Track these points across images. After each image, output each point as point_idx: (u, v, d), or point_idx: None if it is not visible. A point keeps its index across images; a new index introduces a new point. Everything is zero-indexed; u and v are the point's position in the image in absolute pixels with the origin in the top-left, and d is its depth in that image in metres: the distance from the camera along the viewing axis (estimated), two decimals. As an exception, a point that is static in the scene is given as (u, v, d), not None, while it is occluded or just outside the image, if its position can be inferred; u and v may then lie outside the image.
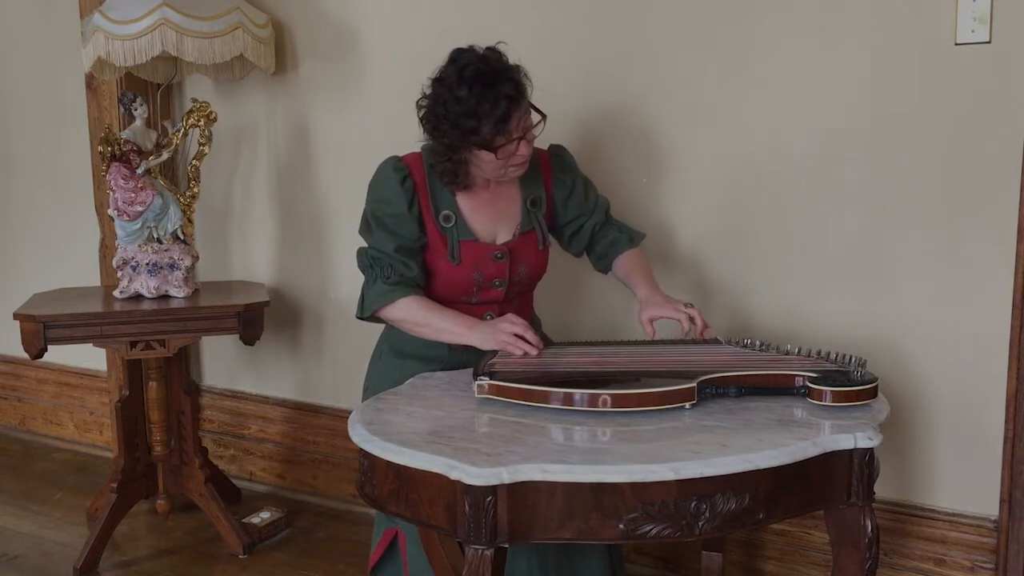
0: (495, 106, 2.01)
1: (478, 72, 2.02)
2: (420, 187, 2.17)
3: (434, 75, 2.10)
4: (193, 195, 2.95)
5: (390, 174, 2.18)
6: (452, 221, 2.17)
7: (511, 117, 2.04)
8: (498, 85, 2.02)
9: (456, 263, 2.17)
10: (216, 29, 2.80)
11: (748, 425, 1.71)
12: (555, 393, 1.78)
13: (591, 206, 2.34)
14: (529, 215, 2.25)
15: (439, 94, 2.06)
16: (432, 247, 2.18)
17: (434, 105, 2.08)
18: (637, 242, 2.36)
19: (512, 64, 2.08)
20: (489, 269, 2.20)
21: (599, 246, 2.36)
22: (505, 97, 2.02)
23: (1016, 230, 2.23)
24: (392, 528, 2.21)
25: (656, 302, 2.16)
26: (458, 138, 2.06)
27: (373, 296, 2.17)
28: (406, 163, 2.20)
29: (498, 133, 2.04)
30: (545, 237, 2.28)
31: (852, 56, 2.35)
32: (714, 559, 2.38)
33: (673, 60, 2.55)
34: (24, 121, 3.78)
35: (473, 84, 2.02)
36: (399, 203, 2.16)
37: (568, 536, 1.58)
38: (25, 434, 3.98)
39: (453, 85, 2.03)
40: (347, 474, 3.20)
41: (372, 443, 1.68)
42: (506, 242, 2.22)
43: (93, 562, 2.84)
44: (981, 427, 2.35)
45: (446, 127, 2.06)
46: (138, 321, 2.73)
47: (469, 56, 2.06)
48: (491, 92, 2.01)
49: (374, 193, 2.22)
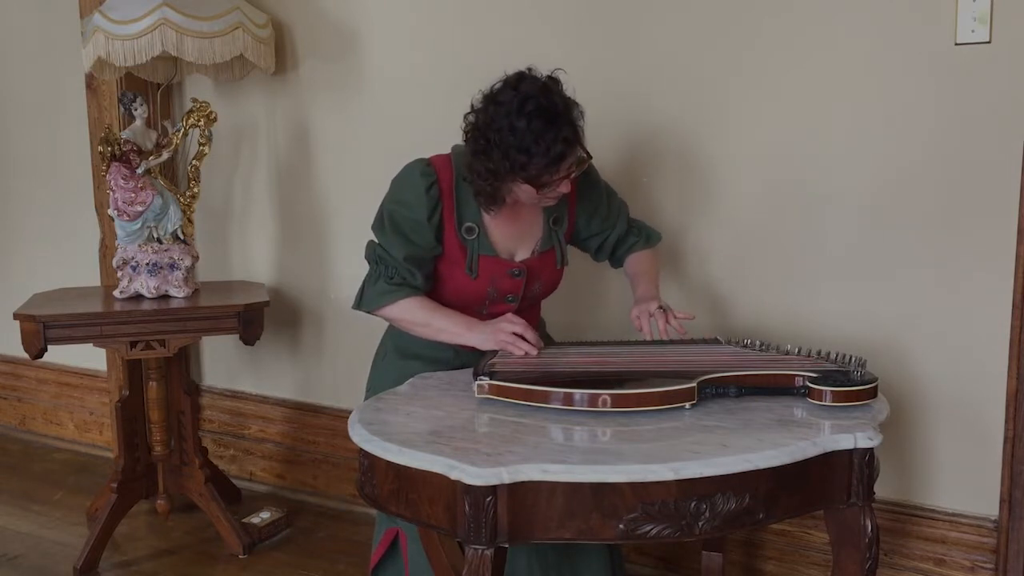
0: (551, 147, 1.95)
1: (539, 108, 1.94)
2: (446, 195, 2.13)
3: (489, 92, 2.02)
4: (193, 195, 2.95)
5: (416, 179, 2.12)
6: (475, 234, 2.14)
7: (564, 160, 1.98)
8: (558, 126, 1.95)
9: (474, 277, 2.15)
10: (216, 29, 2.80)
11: (748, 425, 1.71)
12: (555, 393, 1.78)
13: (615, 219, 2.33)
14: (551, 233, 2.23)
15: (494, 118, 1.97)
16: (449, 257, 2.16)
17: (486, 128, 1.99)
18: (653, 243, 2.37)
19: (570, 101, 2.02)
20: (504, 285, 2.18)
21: (619, 251, 2.38)
22: (563, 140, 1.95)
23: (1016, 230, 2.23)
24: (393, 528, 2.21)
25: (640, 302, 2.18)
26: (506, 168, 1.99)
27: (374, 294, 2.16)
28: (435, 168, 2.14)
29: (546, 173, 1.99)
30: (564, 256, 2.26)
31: (852, 56, 2.35)
32: (714, 559, 2.38)
33: (673, 61, 2.55)
34: (24, 121, 3.79)
35: (532, 119, 1.94)
36: (420, 210, 2.11)
37: (568, 536, 1.58)
38: (25, 434, 3.98)
39: (512, 114, 1.95)
40: (347, 474, 3.20)
41: (372, 443, 1.68)
42: (524, 260, 2.20)
43: (93, 562, 2.84)
44: (981, 427, 2.35)
45: (495, 154, 1.98)
46: (138, 321, 2.73)
47: (531, 86, 1.98)
48: (550, 132, 1.94)
49: (396, 194, 2.16)
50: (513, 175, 2.00)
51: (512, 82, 2.00)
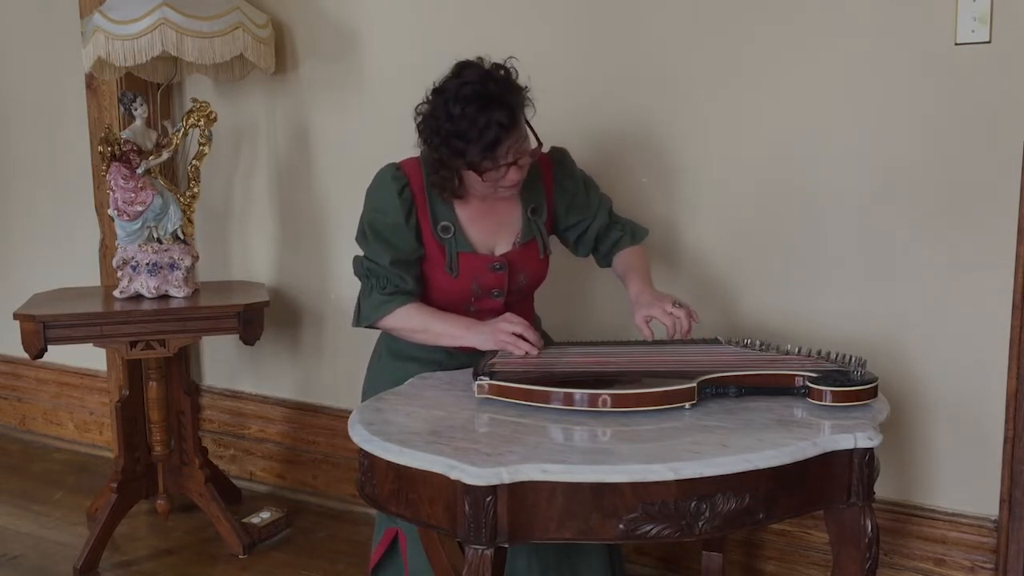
0: (484, 132, 1.96)
1: (475, 93, 1.96)
2: (419, 197, 2.14)
3: (436, 84, 2.05)
4: (193, 195, 2.95)
5: (388, 183, 2.15)
6: (451, 232, 2.15)
7: (499, 144, 1.98)
8: (491, 110, 1.96)
9: (455, 275, 2.15)
10: (216, 29, 2.80)
11: (748, 425, 1.71)
12: (555, 393, 1.78)
13: (594, 209, 2.31)
14: (530, 224, 2.23)
15: (436, 106, 2.02)
16: (430, 258, 2.16)
17: (429, 116, 2.03)
18: (639, 239, 2.35)
19: (516, 86, 2.02)
20: (487, 280, 2.18)
21: (603, 246, 2.35)
22: (496, 124, 1.96)
23: (1016, 230, 2.23)
24: (393, 528, 2.21)
25: (645, 301, 2.13)
26: (447, 155, 2.02)
27: (370, 308, 2.16)
28: (404, 171, 2.16)
29: (485, 159, 1.99)
30: (546, 246, 2.26)
31: (852, 56, 2.35)
32: (714, 559, 2.38)
33: (674, 63, 2.55)
34: (24, 121, 3.79)
35: (467, 104, 1.96)
36: (396, 214, 2.13)
37: (568, 536, 1.58)
38: (25, 434, 3.98)
39: (449, 100, 1.98)
40: (347, 474, 3.20)
41: (372, 443, 1.68)
42: (505, 253, 2.20)
43: (93, 562, 2.84)
44: (981, 427, 2.35)
45: (436, 141, 2.02)
46: (138, 321, 2.73)
47: (472, 73, 2.00)
48: (483, 116, 1.95)
49: (371, 202, 2.18)
50: (454, 162, 2.02)
51: (456, 70, 2.04)
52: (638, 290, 2.18)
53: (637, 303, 2.15)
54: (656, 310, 2.09)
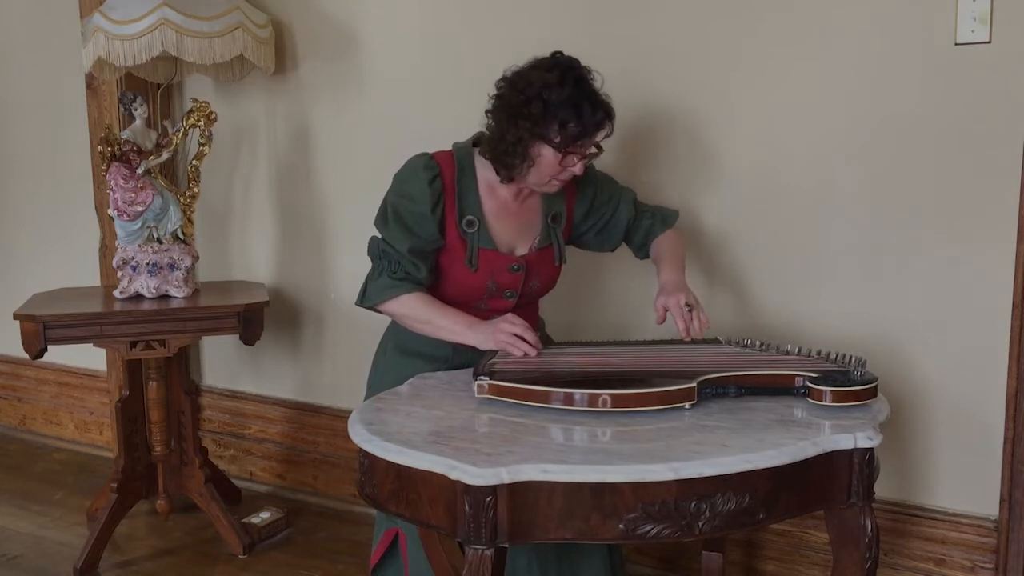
0: (594, 112, 2.03)
1: (583, 79, 2.04)
2: (448, 189, 2.15)
3: (525, 66, 2.07)
4: (193, 195, 2.95)
5: (420, 171, 2.15)
6: (475, 227, 2.16)
7: (600, 129, 2.05)
8: (598, 98, 2.05)
9: (474, 269, 2.16)
10: (216, 29, 2.80)
11: (748, 425, 1.71)
12: (555, 393, 1.78)
13: (615, 202, 2.32)
14: (549, 230, 2.24)
15: (537, 79, 2.02)
16: (450, 250, 2.17)
17: (527, 87, 2.03)
18: (671, 222, 2.36)
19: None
20: (504, 279, 2.19)
21: (636, 237, 2.35)
22: (603, 109, 2.04)
23: (1016, 230, 2.23)
24: (393, 528, 2.21)
25: (668, 291, 2.12)
26: (543, 124, 2.02)
27: (377, 289, 2.16)
28: (437, 162, 2.16)
29: (582, 137, 2.03)
30: (562, 254, 2.27)
31: (852, 56, 2.35)
32: (714, 559, 2.38)
33: (674, 62, 2.55)
34: (24, 121, 3.79)
35: (579, 85, 2.03)
36: (423, 202, 2.13)
37: (568, 536, 1.58)
38: (25, 434, 3.98)
39: (559, 81, 2.01)
40: (347, 474, 3.20)
41: (372, 443, 1.68)
42: (523, 255, 2.21)
43: (93, 562, 2.84)
44: (981, 427, 2.35)
45: (535, 109, 2.01)
46: (138, 321, 2.73)
47: (574, 62, 2.07)
48: (594, 100, 2.04)
49: (399, 187, 2.18)
50: (548, 133, 2.02)
51: (554, 57, 2.08)
52: (666, 278, 2.18)
53: (662, 289, 2.15)
54: (672, 301, 2.09)
